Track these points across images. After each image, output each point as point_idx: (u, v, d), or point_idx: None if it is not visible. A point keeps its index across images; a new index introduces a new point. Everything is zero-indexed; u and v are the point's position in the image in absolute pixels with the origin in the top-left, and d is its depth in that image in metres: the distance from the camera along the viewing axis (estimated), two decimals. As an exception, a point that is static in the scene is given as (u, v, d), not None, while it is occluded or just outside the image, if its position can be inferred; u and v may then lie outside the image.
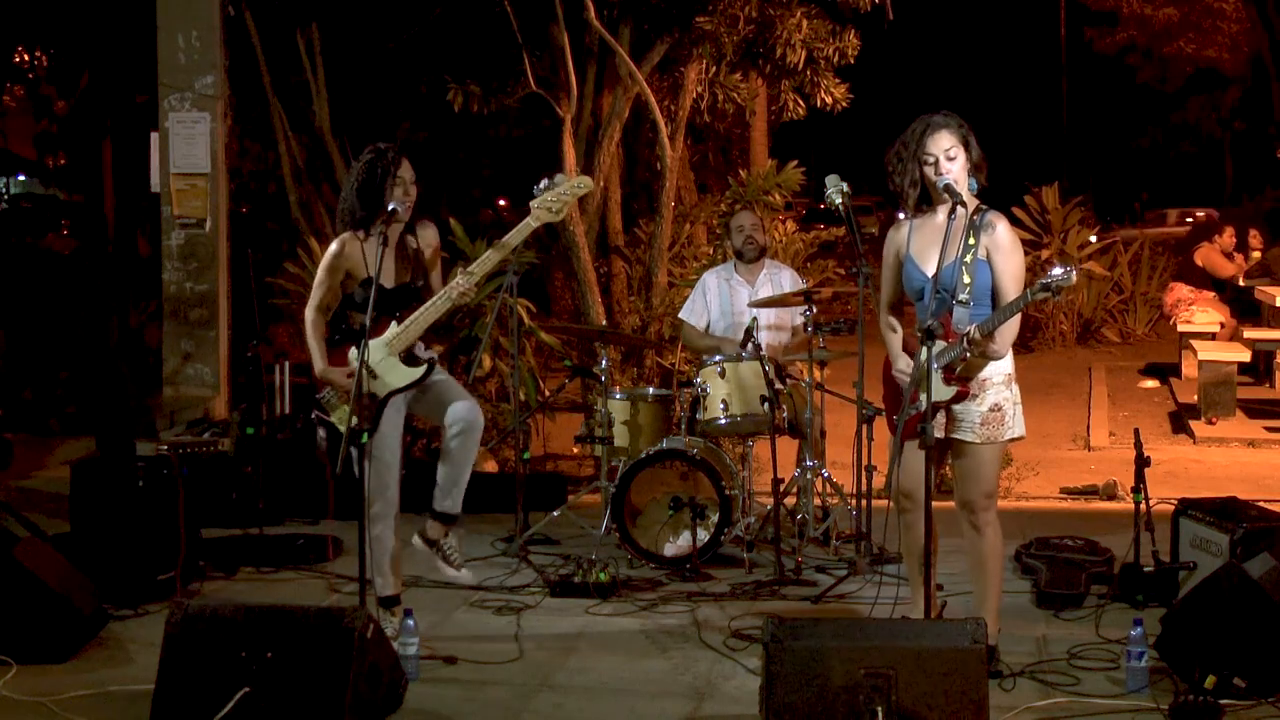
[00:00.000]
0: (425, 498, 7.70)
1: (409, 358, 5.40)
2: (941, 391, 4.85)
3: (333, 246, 5.51)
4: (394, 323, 5.39)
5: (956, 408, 4.93)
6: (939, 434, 4.93)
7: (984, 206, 4.94)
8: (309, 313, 5.50)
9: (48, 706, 4.80)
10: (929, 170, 4.91)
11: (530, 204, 5.46)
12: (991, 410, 4.93)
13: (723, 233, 9.89)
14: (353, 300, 5.46)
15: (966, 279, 4.82)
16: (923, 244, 4.98)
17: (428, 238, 5.60)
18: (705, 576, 6.42)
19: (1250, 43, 22.12)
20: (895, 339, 5.16)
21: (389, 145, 5.58)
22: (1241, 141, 29.13)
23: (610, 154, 9.96)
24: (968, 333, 4.74)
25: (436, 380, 5.50)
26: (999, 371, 4.94)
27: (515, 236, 5.43)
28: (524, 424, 7.48)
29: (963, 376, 4.88)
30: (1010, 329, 4.84)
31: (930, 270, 4.92)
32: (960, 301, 4.84)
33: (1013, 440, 5.03)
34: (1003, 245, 4.86)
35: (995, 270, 4.86)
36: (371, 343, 5.31)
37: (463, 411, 5.46)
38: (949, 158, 4.88)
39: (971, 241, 4.83)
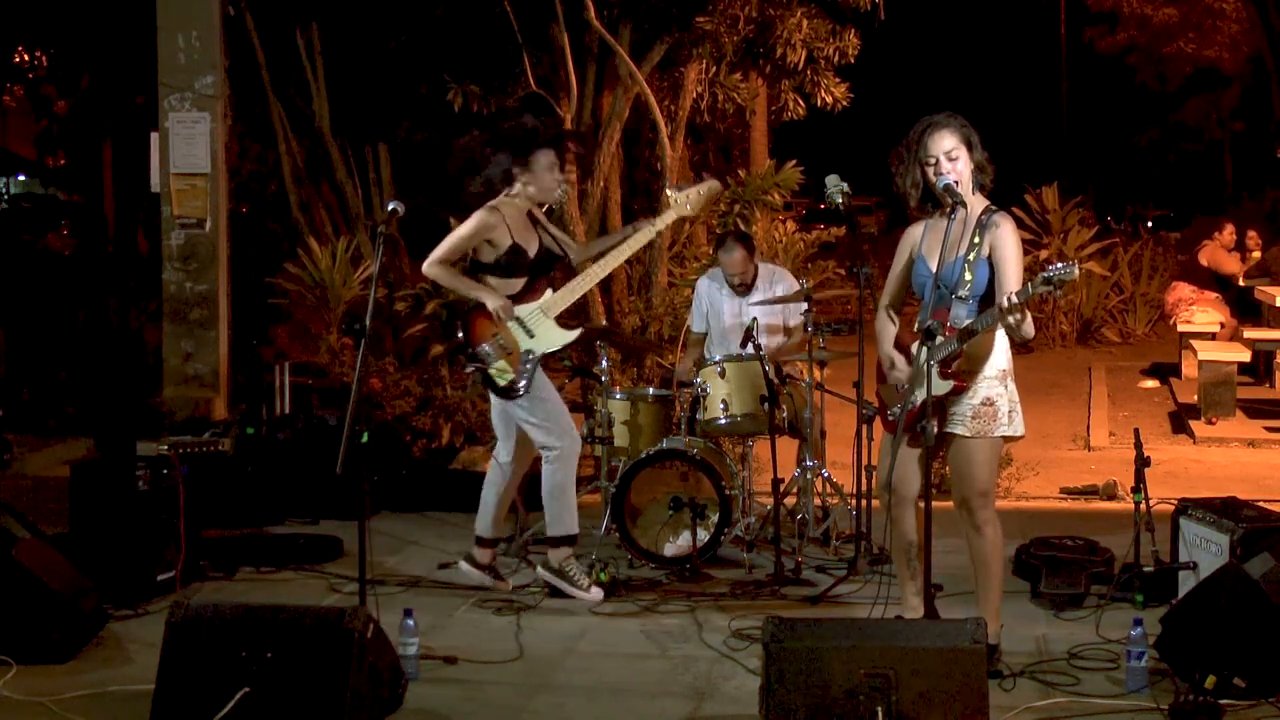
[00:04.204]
0: (424, 499, 7.71)
1: (562, 320, 5.80)
2: (937, 386, 4.85)
3: (482, 217, 5.75)
4: (550, 288, 5.77)
5: (949, 402, 4.93)
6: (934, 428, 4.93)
7: (993, 207, 4.95)
8: (435, 267, 5.77)
9: (48, 706, 4.79)
10: (930, 171, 4.91)
11: (669, 195, 5.85)
12: (983, 404, 4.92)
13: (721, 231, 9.90)
14: (497, 266, 5.74)
15: (968, 276, 4.83)
16: (933, 242, 4.98)
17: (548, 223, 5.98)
18: (705, 576, 6.41)
19: (1250, 43, 22.11)
20: (890, 330, 5.17)
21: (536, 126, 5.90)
22: (1241, 141, 29.10)
23: (610, 154, 9.97)
24: (1006, 299, 4.63)
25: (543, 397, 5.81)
26: (992, 366, 4.93)
27: (661, 222, 5.88)
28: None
29: (962, 370, 4.88)
30: (1028, 323, 4.80)
31: (934, 266, 4.92)
32: (959, 297, 4.85)
33: (1009, 439, 5.00)
34: (1005, 244, 4.85)
35: (995, 267, 4.85)
36: (528, 305, 5.74)
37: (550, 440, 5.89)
38: (950, 158, 4.88)
39: (976, 240, 4.84)
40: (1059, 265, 4.52)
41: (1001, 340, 4.94)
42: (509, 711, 4.85)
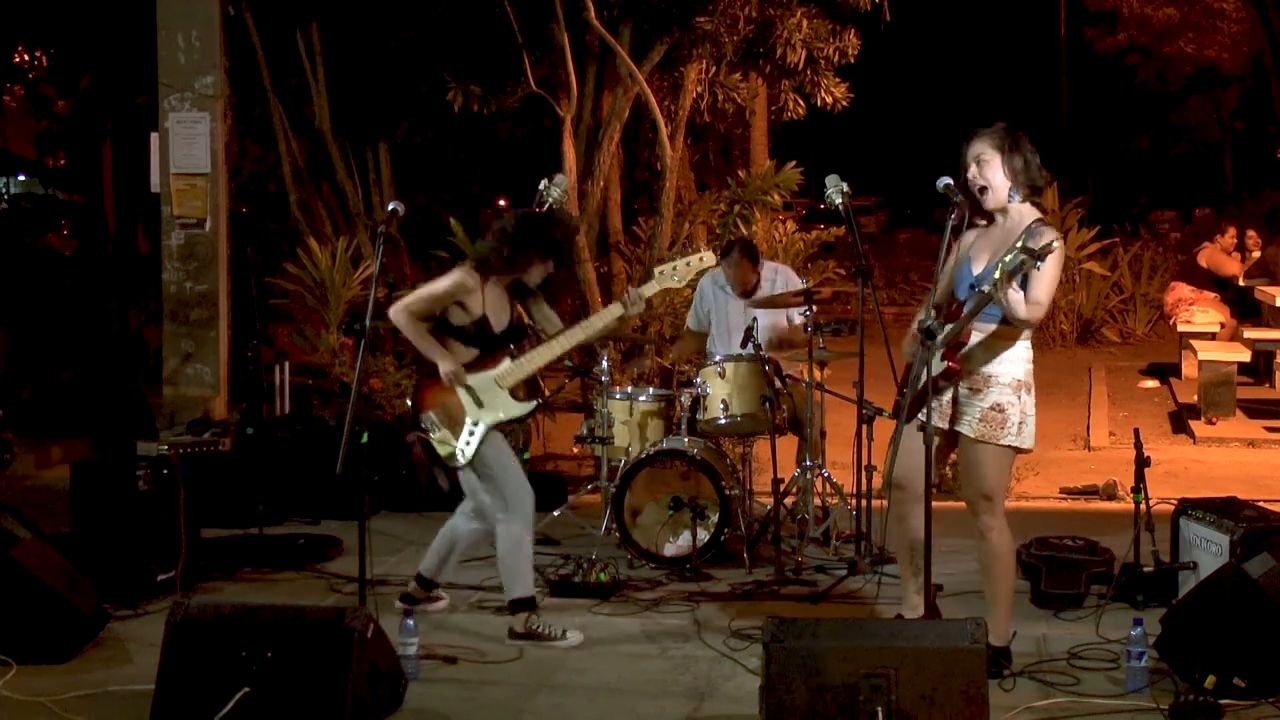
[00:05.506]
0: (425, 499, 7.68)
1: (515, 392, 5.60)
2: (935, 364, 4.86)
3: (461, 278, 5.58)
4: (508, 359, 5.58)
5: (961, 400, 4.94)
6: (944, 424, 4.94)
7: (1045, 220, 4.98)
8: (403, 315, 5.52)
9: (48, 706, 4.79)
10: (966, 177, 4.96)
11: (656, 269, 5.72)
12: (992, 409, 4.92)
13: (721, 231, 9.91)
14: (461, 332, 5.59)
15: (997, 275, 4.84)
16: (980, 248, 5.02)
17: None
18: (705, 576, 6.42)
19: (1250, 43, 22.09)
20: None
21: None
22: (1241, 141, 29.07)
23: (610, 154, 9.96)
24: (981, 287, 4.73)
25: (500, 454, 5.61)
26: (1006, 373, 4.93)
27: (646, 290, 5.67)
28: (524, 424, 7.48)
29: (962, 361, 4.88)
30: (1015, 298, 4.76)
31: (977, 270, 4.96)
32: (982, 293, 4.88)
33: (1015, 449, 4.96)
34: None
35: (1029, 276, 4.83)
36: (482, 374, 5.55)
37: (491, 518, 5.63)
38: (978, 163, 4.94)
39: (1017, 244, 4.85)
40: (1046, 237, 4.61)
41: (1022, 351, 4.96)
42: (509, 711, 4.85)
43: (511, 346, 5.61)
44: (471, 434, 5.54)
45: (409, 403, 5.69)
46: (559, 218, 5.92)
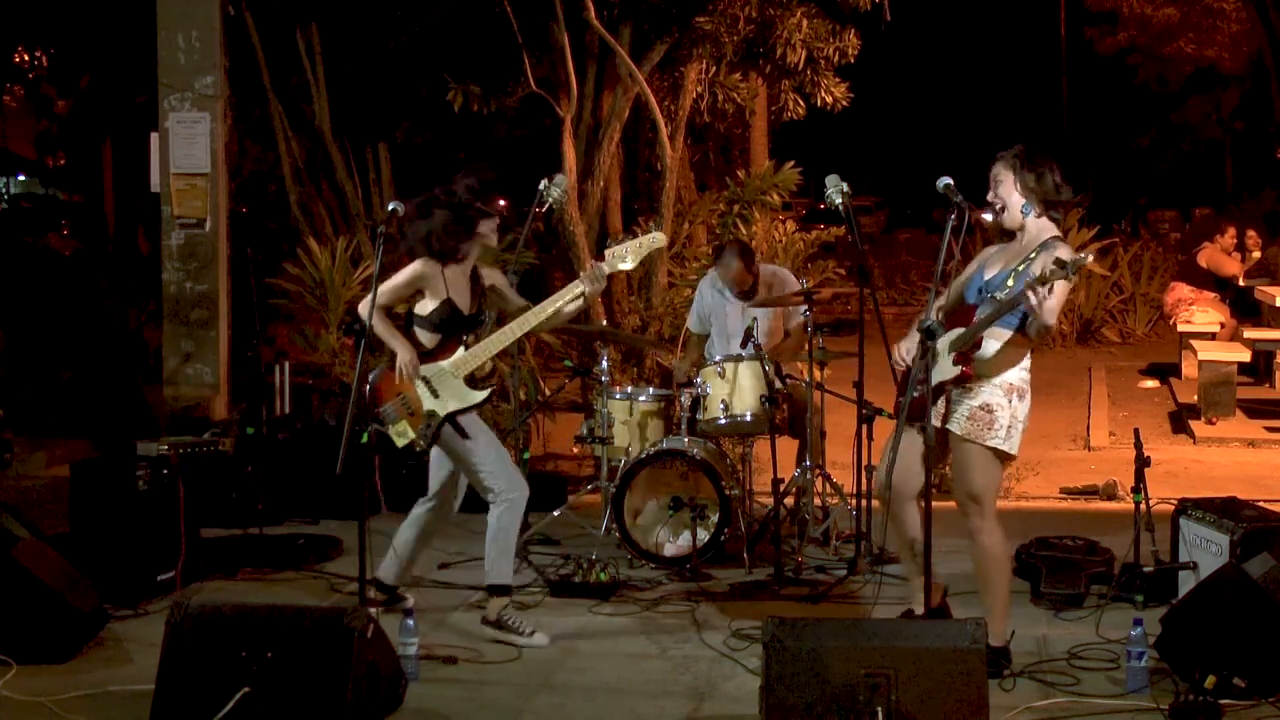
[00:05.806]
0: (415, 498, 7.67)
1: (472, 380, 5.59)
2: (947, 370, 4.93)
3: (417, 267, 5.61)
4: (462, 347, 5.59)
5: (954, 399, 4.99)
6: (936, 422, 4.95)
7: (1060, 237, 5.04)
8: (372, 310, 5.50)
9: (48, 706, 4.80)
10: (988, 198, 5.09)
11: (604, 251, 5.72)
12: (981, 408, 4.95)
13: (721, 231, 9.90)
14: (429, 320, 5.61)
15: (1010, 283, 4.91)
16: (996, 259, 5.13)
17: (494, 276, 5.83)
18: (705, 576, 6.42)
19: (1250, 43, 22.08)
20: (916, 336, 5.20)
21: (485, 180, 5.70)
22: (1241, 141, 29.04)
23: (610, 154, 9.96)
24: (996, 294, 4.86)
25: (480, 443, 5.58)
26: (1000, 377, 4.96)
27: (604, 268, 5.65)
28: (524, 424, 7.48)
29: (973, 363, 4.91)
30: (1048, 305, 4.78)
31: (989, 276, 5.04)
32: (994, 299, 4.92)
33: (999, 452, 4.98)
34: None
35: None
36: (437, 364, 5.56)
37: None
38: (994, 183, 5.07)
39: (1032, 255, 4.93)
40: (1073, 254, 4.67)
41: (1023, 360, 4.99)
42: (509, 712, 4.85)
43: (465, 336, 5.62)
44: (429, 426, 5.54)
45: (366, 399, 5.64)
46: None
